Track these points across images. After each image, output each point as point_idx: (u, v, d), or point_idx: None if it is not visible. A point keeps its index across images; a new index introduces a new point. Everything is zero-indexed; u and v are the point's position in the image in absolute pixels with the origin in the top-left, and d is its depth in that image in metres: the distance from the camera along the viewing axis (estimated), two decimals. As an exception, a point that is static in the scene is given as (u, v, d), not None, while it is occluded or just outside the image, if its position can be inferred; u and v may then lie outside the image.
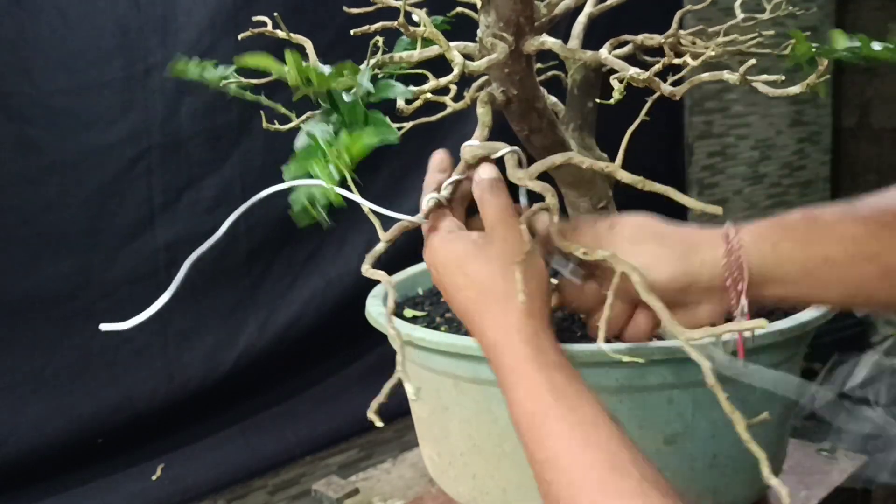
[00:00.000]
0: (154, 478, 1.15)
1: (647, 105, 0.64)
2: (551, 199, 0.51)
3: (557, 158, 0.53)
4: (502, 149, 0.53)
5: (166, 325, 1.18)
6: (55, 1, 1.06)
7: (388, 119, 0.50)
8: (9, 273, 1.05)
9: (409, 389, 0.42)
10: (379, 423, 0.41)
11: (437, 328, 0.70)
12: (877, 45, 0.53)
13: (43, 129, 1.06)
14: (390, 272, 0.84)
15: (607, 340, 0.49)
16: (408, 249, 1.41)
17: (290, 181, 0.49)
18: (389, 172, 1.34)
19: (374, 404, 0.41)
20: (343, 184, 0.48)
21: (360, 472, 0.87)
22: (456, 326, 0.72)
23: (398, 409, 1.48)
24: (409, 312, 0.77)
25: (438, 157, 0.57)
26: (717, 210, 0.49)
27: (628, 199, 0.74)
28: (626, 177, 0.51)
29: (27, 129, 1.05)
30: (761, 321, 0.47)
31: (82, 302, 1.11)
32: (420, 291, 0.84)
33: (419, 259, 0.90)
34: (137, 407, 1.16)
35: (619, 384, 0.59)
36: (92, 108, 1.10)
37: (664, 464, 0.61)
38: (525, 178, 0.52)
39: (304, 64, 0.47)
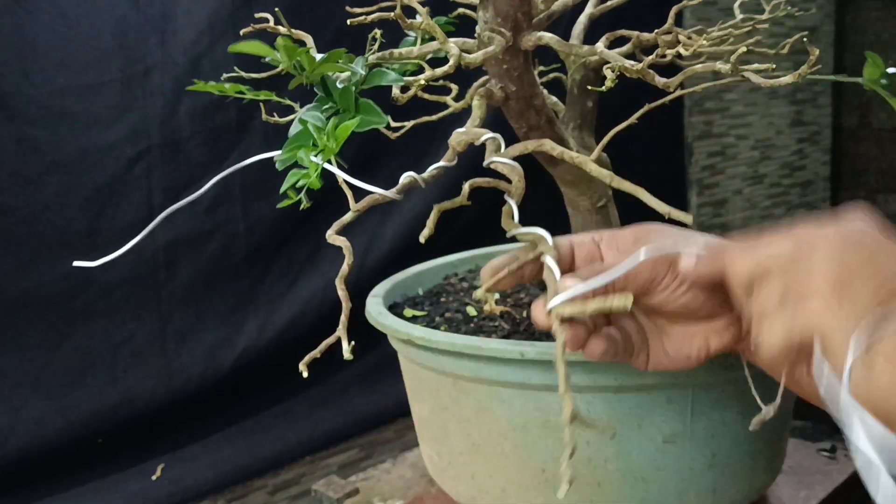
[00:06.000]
0: (154, 478, 1.15)
1: (646, 108, 0.64)
2: (518, 183, 0.50)
3: (530, 145, 0.53)
4: (484, 135, 0.53)
5: (166, 325, 1.18)
6: (55, 1, 1.06)
7: (376, 105, 0.51)
8: (9, 273, 1.05)
9: (345, 347, 0.45)
10: (305, 374, 0.43)
11: (436, 328, 0.70)
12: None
13: (42, 129, 1.06)
14: (391, 272, 0.85)
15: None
16: (408, 249, 1.41)
17: (281, 167, 0.50)
18: (389, 172, 1.33)
19: (308, 358, 0.43)
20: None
21: (360, 472, 0.87)
22: (456, 326, 0.72)
23: (398, 410, 1.48)
24: (408, 312, 0.77)
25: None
26: (688, 219, 0.46)
27: (628, 199, 0.74)
28: (594, 170, 0.50)
29: (27, 129, 1.05)
30: (629, 295, 0.45)
31: (82, 302, 1.11)
32: (420, 291, 0.84)
33: (419, 259, 0.91)
34: (137, 407, 1.16)
35: (617, 383, 0.59)
36: (91, 108, 1.10)
37: (663, 463, 0.61)
38: (496, 159, 0.52)
39: (296, 49, 0.48)
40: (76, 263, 0.51)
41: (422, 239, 0.47)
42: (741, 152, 2.25)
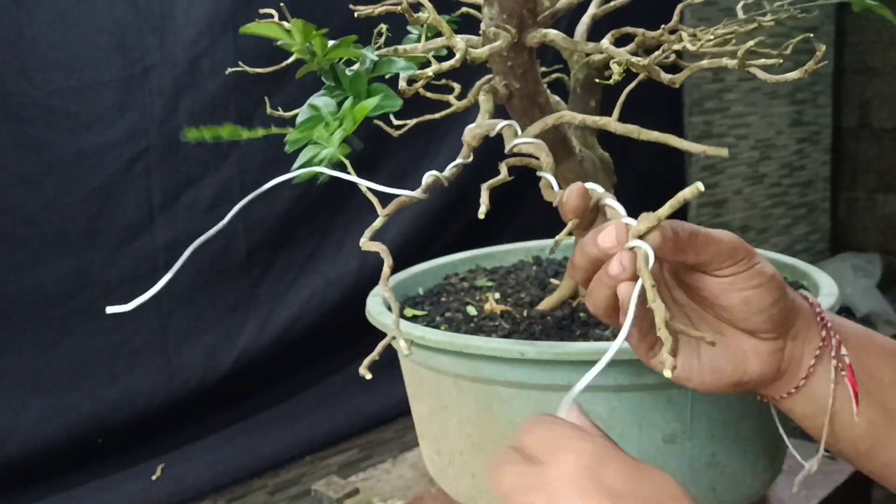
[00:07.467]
0: (154, 478, 1.15)
1: (638, 78, 0.64)
2: (546, 158, 0.50)
3: (550, 119, 0.54)
4: (499, 124, 0.53)
5: (166, 324, 1.18)
6: (54, 1, 1.06)
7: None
8: (9, 273, 1.05)
9: (403, 345, 0.44)
10: (368, 376, 0.42)
11: (437, 327, 0.70)
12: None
13: (41, 129, 1.06)
14: (392, 272, 0.84)
15: None
16: (409, 249, 1.41)
17: (292, 150, 0.50)
18: (388, 172, 1.34)
19: (367, 361, 0.42)
20: (342, 166, 0.49)
21: (360, 472, 0.87)
22: (456, 326, 0.72)
23: (398, 410, 1.48)
24: (409, 312, 0.77)
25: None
26: (723, 152, 0.46)
27: (629, 198, 0.74)
28: (619, 128, 0.51)
29: (26, 129, 1.05)
30: (698, 184, 0.42)
31: (82, 302, 1.11)
32: (420, 291, 0.84)
33: (420, 259, 0.91)
34: (137, 407, 1.16)
35: (617, 383, 0.59)
36: (90, 108, 1.10)
37: (663, 463, 0.61)
38: (518, 141, 0.52)
39: (311, 29, 0.48)
40: (109, 310, 0.50)
41: (481, 216, 0.46)
42: (741, 152, 2.25)
